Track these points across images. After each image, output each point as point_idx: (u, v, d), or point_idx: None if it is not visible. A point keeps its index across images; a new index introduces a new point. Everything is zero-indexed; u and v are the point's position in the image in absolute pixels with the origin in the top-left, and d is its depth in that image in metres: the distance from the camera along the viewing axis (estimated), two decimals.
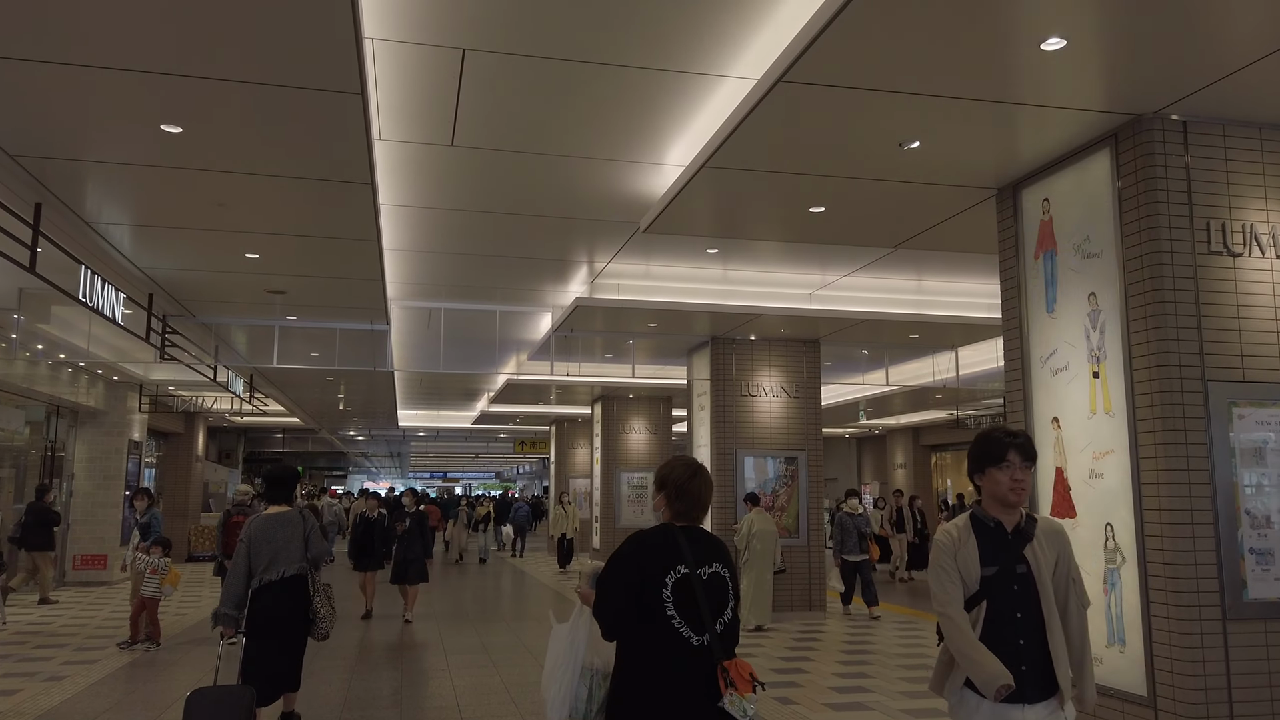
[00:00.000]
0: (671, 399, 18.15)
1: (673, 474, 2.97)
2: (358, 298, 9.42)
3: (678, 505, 2.94)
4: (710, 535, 2.98)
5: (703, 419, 11.70)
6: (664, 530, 2.91)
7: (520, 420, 23.68)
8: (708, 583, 2.82)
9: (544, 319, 11.58)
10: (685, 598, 2.77)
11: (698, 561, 2.83)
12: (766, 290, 10.02)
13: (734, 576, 2.95)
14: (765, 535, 10.15)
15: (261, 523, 5.42)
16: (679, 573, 2.78)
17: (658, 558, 2.81)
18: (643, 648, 2.78)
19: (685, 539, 2.86)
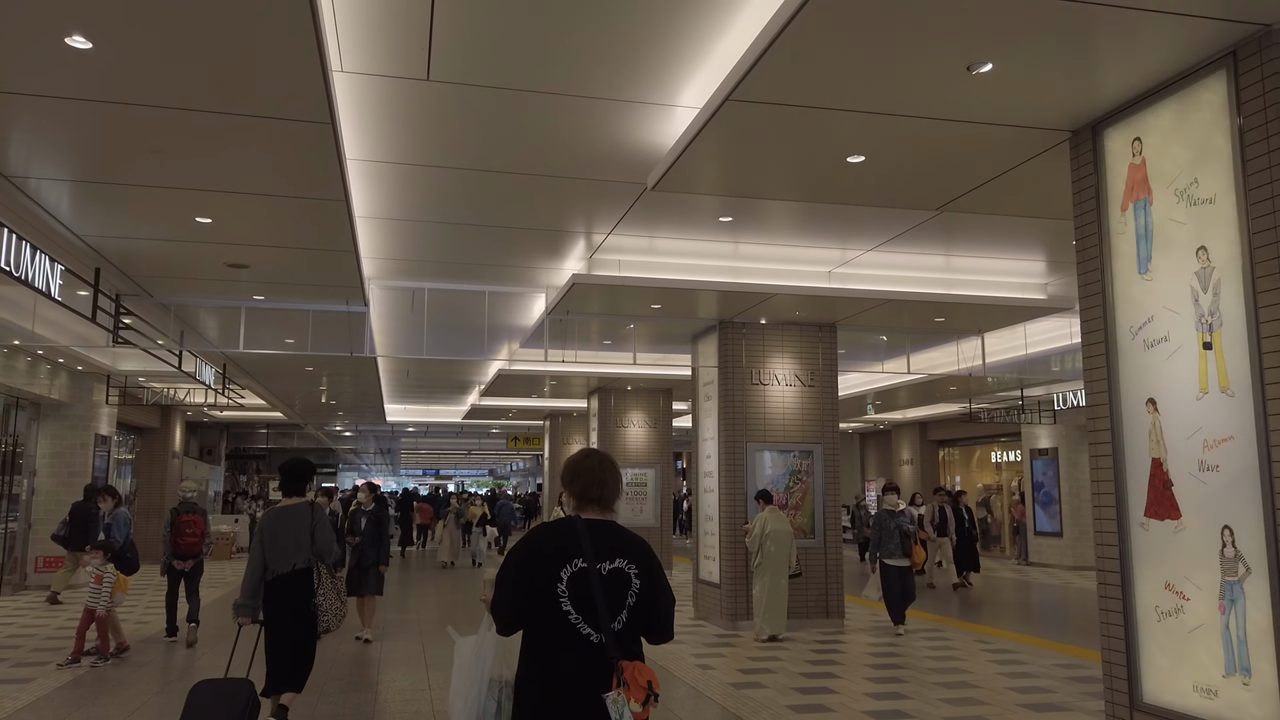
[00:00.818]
0: (672, 391, 17.25)
1: (575, 465, 2.88)
2: (330, 273, 8.48)
3: (580, 497, 2.83)
4: (621, 530, 2.82)
5: (709, 410, 10.80)
6: (565, 522, 2.79)
7: (513, 414, 22.77)
8: (607, 579, 2.69)
9: (537, 302, 10.67)
10: (581, 593, 2.66)
11: (598, 555, 2.70)
12: (781, 268, 9.12)
13: (647, 575, 2.76)
14: (780, 536, 9.26)
15: (274, 515, 5.47)
16: (575, 567, 2.67)
17: (554, 551, 2.69)
18: (540, 643, 2.68)
19: (587, 532, 2.73)
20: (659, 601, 2.78)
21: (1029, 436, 19.62)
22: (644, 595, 2.74)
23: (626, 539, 2.80)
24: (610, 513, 2.87)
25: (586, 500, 2.82)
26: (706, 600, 10.64)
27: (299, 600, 5.47)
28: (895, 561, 9.92)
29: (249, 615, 5.34)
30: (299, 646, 5.56)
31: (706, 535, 10.74)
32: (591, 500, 2.82)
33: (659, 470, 16.89)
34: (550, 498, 22.01)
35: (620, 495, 2.92)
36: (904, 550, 9.86)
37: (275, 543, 5.42)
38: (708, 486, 10.76)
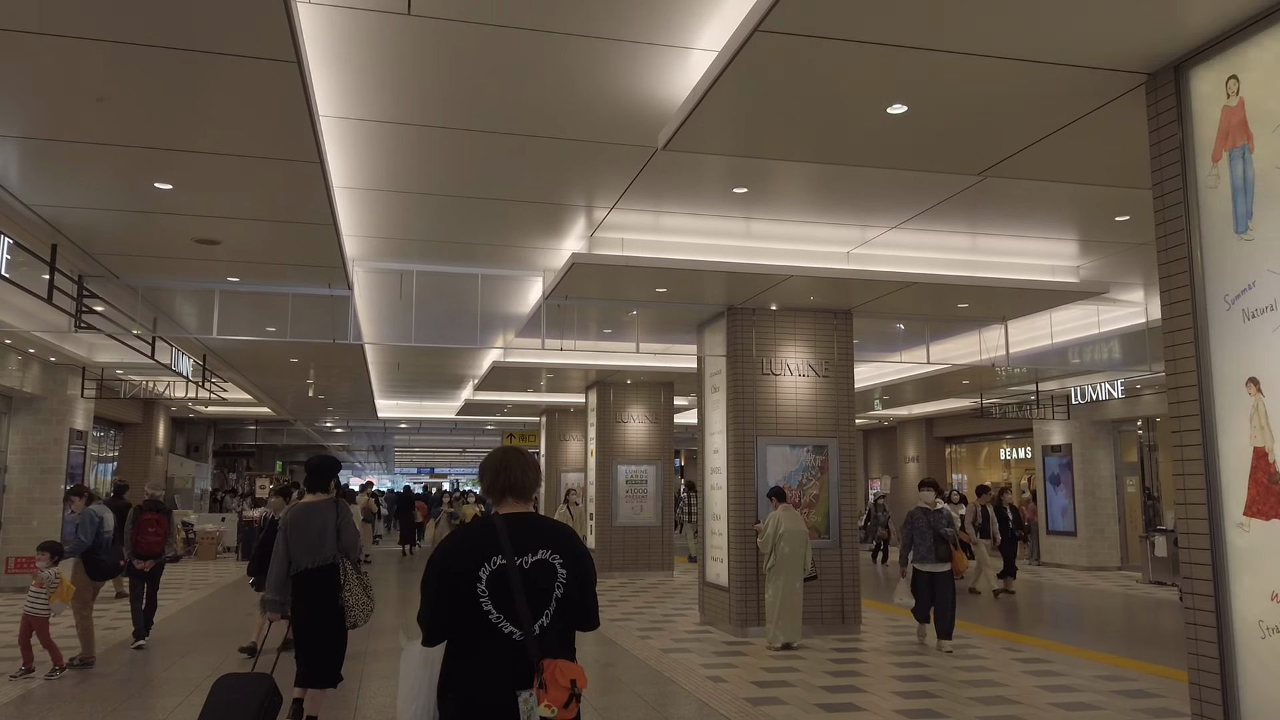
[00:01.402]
0: (673, 385, 16.59)
1: (489, 460, 2.80)
2: (309, 251, 7.81)
3: (491, 491, 2.75)
4: (541, 520, 2.72)
5: (716, 402, 10.15)
6: (482, 520, 2.70)
7: (508, 410, 22.10)
8: (529, 572, 2.59)
9: (533, 287, 10.01)
10: (502, 590, 2.56)
11: (519, 549, 2.60)
12: (796, 248, 8.48)
13: (574, 563, 2.66)
14: (794, 536, 8.61)
15: (298, 511, 5.48)
16: (494, 564, 2.57)
17: (472, 550, 2.59)
18: (463, 646, 2.58)
19: (505, 526, 2.64)
20: (586, 589, 2.68)
21: (1041, 433, 19.01)
22: (571, 585, 2.64)
23: (547, 529, 2.69)
24: (528, 504, 2.75)
25: (499, 493, 2.73)
26: (714, 604, 10.00)
27: (326, 596, 5.44)
28: (929, 566, 8.76)
29: (277, 610, 5.42)
30: (328, 642, 5.52)
31: (714, 535, 10.09)
32: (504, 491, 2.72)
33: (660, 467, 16.24)
34: (547, 496, 21.35)
35: (538, 485, 2.81)
36: (939, 554, 8.68)
37: (300, 538, 5.43)
38: (715, 484, 10.11)
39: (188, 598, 12.77)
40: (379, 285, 9.86)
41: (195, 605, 11.96)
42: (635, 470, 16.18)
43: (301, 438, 30.43)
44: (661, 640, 9.21)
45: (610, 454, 16.12)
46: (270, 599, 5.42)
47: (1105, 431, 18.12)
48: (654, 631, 9.75)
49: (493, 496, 2.75)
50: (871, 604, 11.58)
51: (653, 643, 9.07)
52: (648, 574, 15.75)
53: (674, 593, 13.33)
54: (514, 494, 2.72)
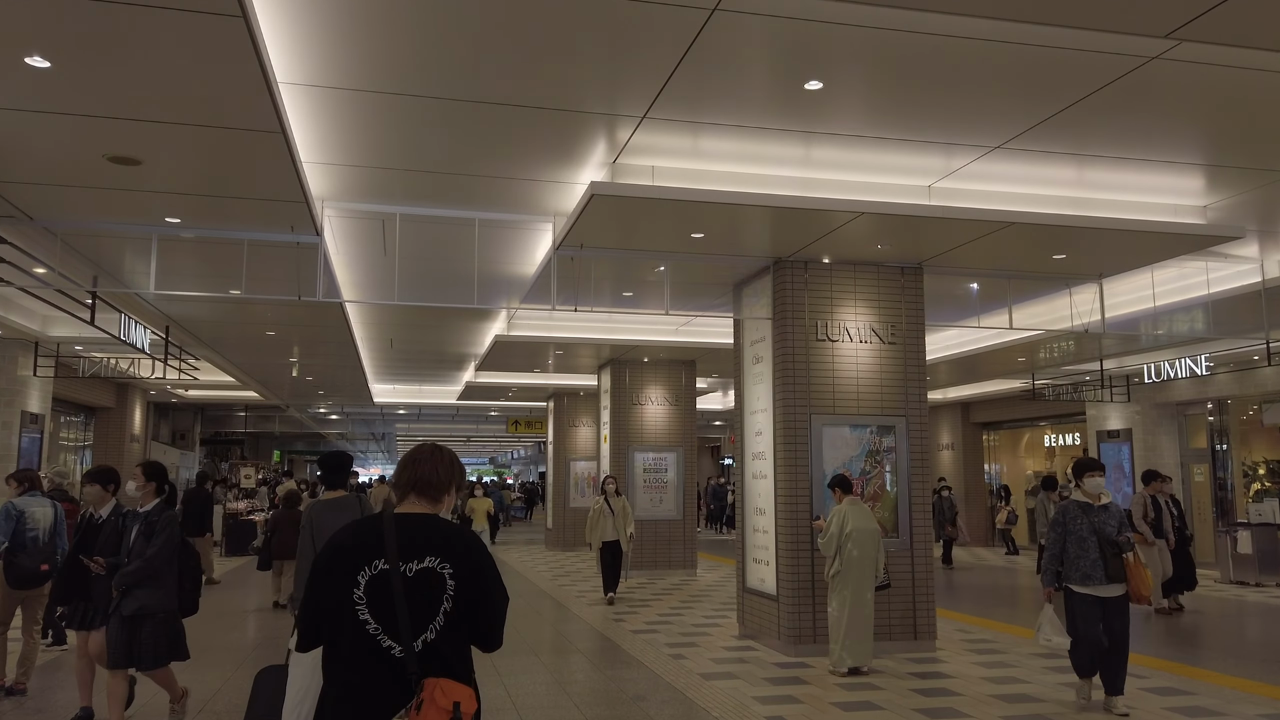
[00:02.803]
0: (695, 364, 14.99)
1: (404, 456, 2.55)
2: (261, 180, 6.20)
3: (397, 485, 2.48)
4: (440, 524, 2.42)
5: (759, 375, 8.54)
6: (371, 518, 2.42)
7: (513, 394, 20.51)
8: (414, 580, 2.30)
9: (541, 239, 8.40)
10: (382, 598, 2.28)
11: (405, 554, 2.31)
12: (864, 179, 6.87)
13: (468, 576, 2.35)
14: (864, 536, 7.01)
15: (322, 507, 5.36)
16: (375, 569, 2.30)
17: (353, 550, 2.33)
18: (338, 659, 2.30)
19: (395, 526, 2.36)
20: (484, 604, 2.38)
21: (1096, 416, 17.36)
22: (462, 599, 2.34)
23: (443, 534, 2.39)
24: (437, 505, 2.47)
25: (404, 488, 2.46)
26: (758, 615, 8.40)
27: None
28: (1095, 589, 5.90)
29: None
30: None
31: (756, 533, 8.49)
32: (409, 486, 2.46)
33: (680, 455, 14.64)
34: (556, 486, 19.78)
35: (455, 484, 2.51)
36: (1109, 571, 5.81)
37: (324, 535, 5.16)
38: (758, 471, 8.51)
39: None
40: (357, 235, 8.25)
41: None
42: (654, 458, 14.59)
43: (296, 425, 28.88)
44: (698, 660, 7.64)
45: (626, 440, 14.53)
46: (298, 595, 5.08)
47: (1169, 415, 16.48)
48: (687, 648, 8.17)
49: (398, 492, 2.48)
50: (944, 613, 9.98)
51: (688, 664, 7.49)
52: (669, 573, 14.17)
53: (701, 595, 11.75)
54: (419, 491, 2.46)
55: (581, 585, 12.95)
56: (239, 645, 8.45)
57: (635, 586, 12.81)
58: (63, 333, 12.72)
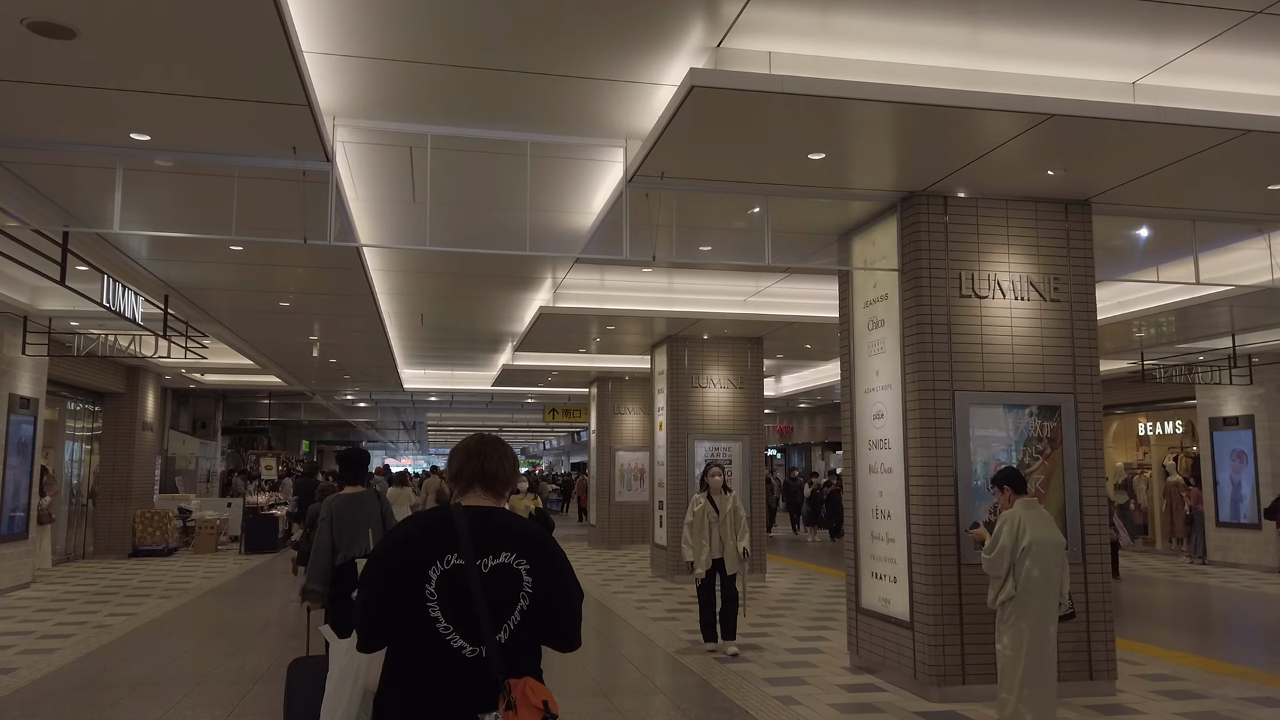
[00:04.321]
0: (762, 341, 13.27)
1: (463, 443, 2.44)
2: (246, 71, 4.58)
3: (458, 478, 2.37)
4: (511, 518, 2.32)
5: (878, 345, 6.81)
6: (439, 511, 2.30)
7: (552, 379, 18.91)
8: (490, 577, 2.19)
9: (605, 175, 6.73)
10: (455, 596, 2.17)
11: (480, 549, 2.20)
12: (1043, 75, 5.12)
13: (543, 571, 2.26)
14: (1046, 551, 5.26)
15: (342, 502, 5.49)
16: (448, 564, 2.18)
17: (423, 545, 2.21)
18: (403, 661, 2.19)
19: (466, 520, 2.25)
20: (562, 601, 2.28)
21: (1209, 402, 15.38)
22: (540, 596, 2.24)
23: (517, 528, 2.31)
24: (501, 499, 2.38)
25: (467, 480, 2.35)
26: (879, 644, 6.69)
27: None
28: None
29: (317, 600, 5.32)
30: None
31: (876, 541, 6.78)
32: (473, 479, 2.35)
33: (747, 443, 12.93)
34: (600, 479, 18.17)
35: (516, 478, 2.55)
36: None
37: (345, 529, 5.40)
38: (877, 464, 6.79)
39: (154, 608, 9.76)
40: (379, 172, 6.63)
41: (157, 624, 8.92)
42: (718, 447, 12.89)
43: (323, 413, 27.54)
44: (812, 703, 5.95)
45: (686, 427, 12.84)
46: (311, 589, 5.34)
47: None
48: (793, 685, 6.48)
49: (459, 485, 2.36)
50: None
51: (801, 711, 5.81)
52: None
53: (782, 607, 10.05)
54: (484, 484, 2.35)
55: (640, 594, 11.31)
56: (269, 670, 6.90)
57: None
58: (55, 306, 11.29)
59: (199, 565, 14.64)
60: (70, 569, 14.00)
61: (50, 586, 11.96)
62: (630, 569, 14.08)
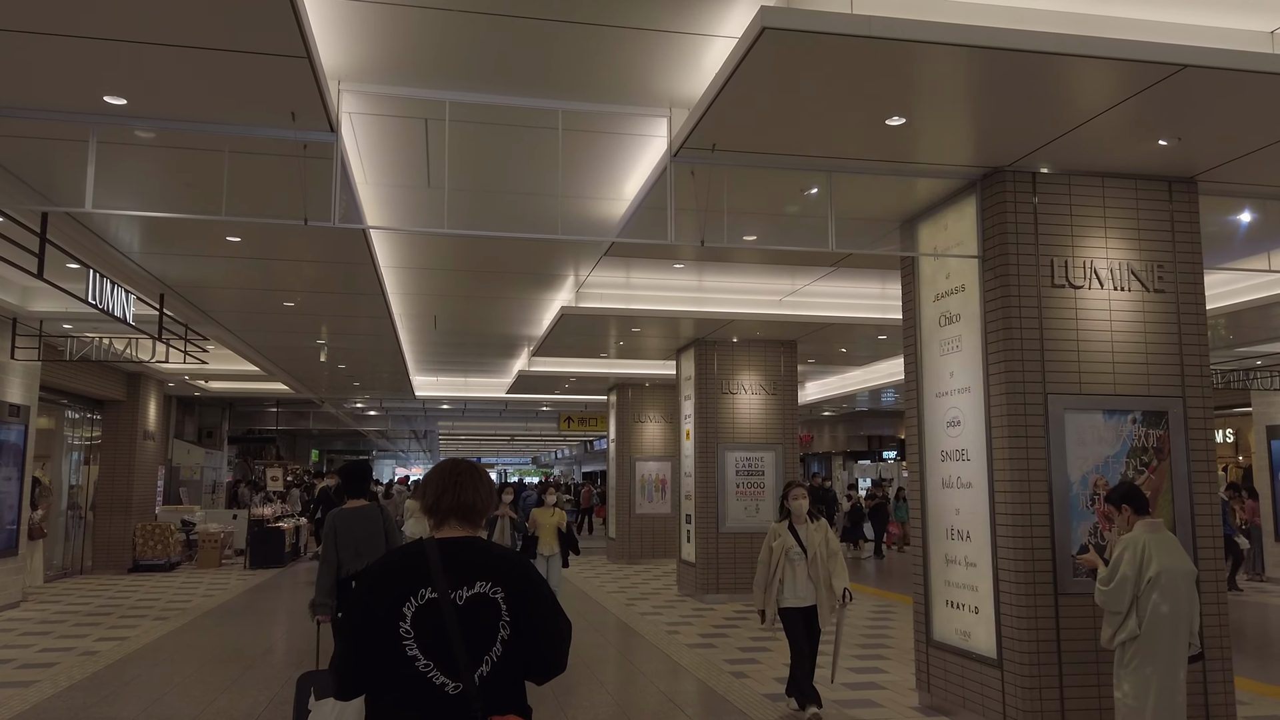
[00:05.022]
0: (796, 345, 12.48)
1: (434, 472, 2.35)
2: (237, 25, 3.85)
3: (433, 510, 2.28)
4: (487, 547, 2.24)
5: (952, 343, 6.03)
6: (411, 546, 2.22)
7: (569, 386, 18.17)
8: (465, 609, 2.12)
9: (644, 153, 5.99)
10: (432, 631, 2.09)
11: (453, 581, 2.13)
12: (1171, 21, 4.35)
13: (522, 600, 2.18)
14: (1176, 582, 4.45)
15: (346, 516, 5.56)
16: (422, 599, 2.11)
17: (395, 581, 2.14)
18: (387, 703, 2.10)
19: (439, 552, 2.18)
20: (544, 628, 2.20)
21: (1266, 410, 14.51)
22: (521, 625, 2.17)
23: (493, 557, 2.22)
24: (475, 530, 2.28)
25: (443, 513, 2.27)
26: (956, 682, 5.88)
27: None
28: None
29: (326, 613, 5.34)
30: None
31: (952, 565, 5.98)
32: (449, 512, 2.27)
33: (780, 454, 12.14)
34: (620, 488, 17.39)
35: (492, 505, 2.36)
36: None
37: (348, 543, 5.47)
38: (952, 478, 6.00)
39: (148, 632, 9.01)
40: (389, 151, 5.90)
41: (149, 651, 8.18)
42: (748, 458, 12.10)
43: (332, 422, 26.84)
44: None
45: (714, 436, 12.06)
46: (319, 602, 5.37)
47: None
48: None
49: (435, 517, 2.28)
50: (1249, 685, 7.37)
51: None
52: None
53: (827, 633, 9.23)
54: (460, 516, 2.27)
55: (669, 615, 10.52)
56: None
57: (734, 617, 10.35)
58: (46, 307, 10.61)
59: (201, 581, 13.92)
60: (65, 586, 13.30)
61: (41, 606, 11.25)
62: (654, 586, 13.29)
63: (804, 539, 5.90)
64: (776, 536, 5.95)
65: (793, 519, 5.96)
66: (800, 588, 5.85)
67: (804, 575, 5.84)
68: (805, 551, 5.86)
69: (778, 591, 5.85)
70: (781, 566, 5.84)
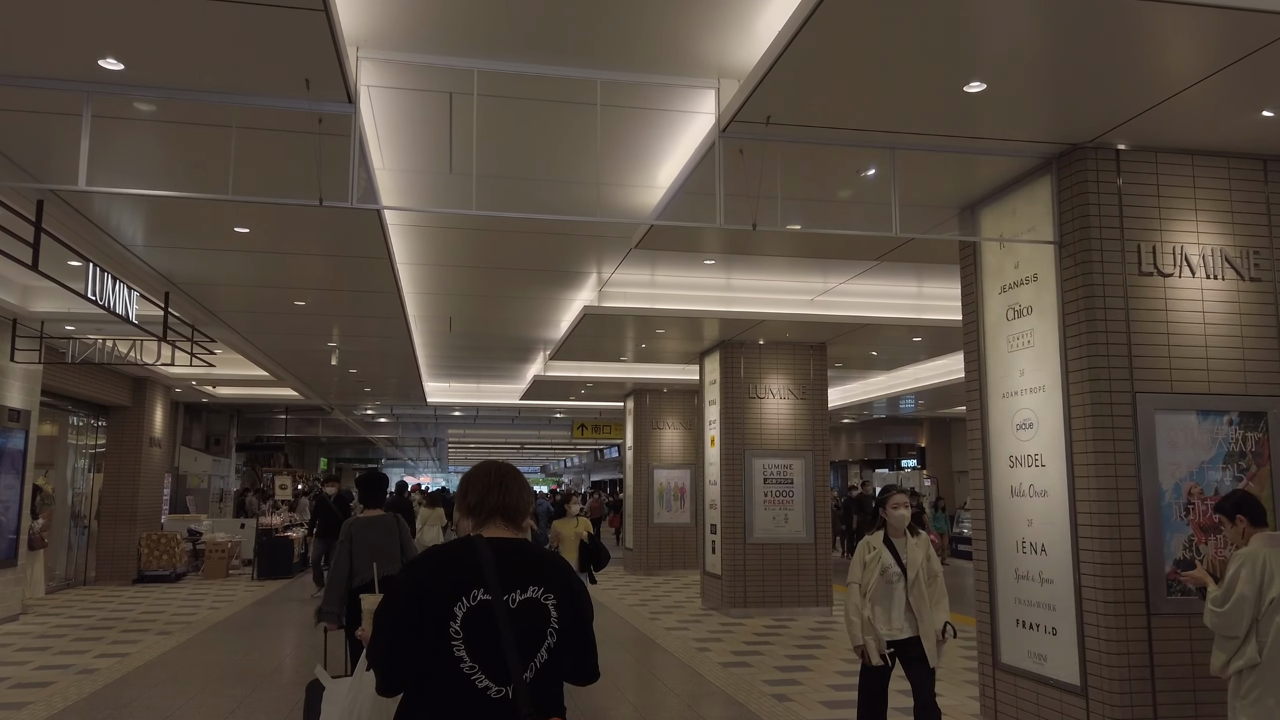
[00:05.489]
0: (825, 347, 11.99)
1: (479, 471, 2.30)
2: None
3: (476, 510, 2.23)
4: (534, 550, 2.21)
5: (1022, 338, 5.53)
6: (461, 543, 2.16)
7: (586, 391, 17.69)
8: (517, 613, 2.07)
9: (684, 132, 5.52)
10: (482, 633, 2.04)
11: (506, 584, 2.08)
12: None
13: (569, 605, 2.15)
14: None
15: (361, 525, 5.56)
16: (474, 600, 2.05)
17: (446, 580, 2.07)
18: (426, 704, 2.04)
19: (491, 553, 2.12)
20: (583, 634, 2.19)
21: None
22: (566, 630, 2.14)
23: (542, 560, 2.20)
24: (520, 530, 2.24)
25: (487, 512, 2.22)
26: (1031, 710, 5.35)
27: None
28: None
29: (334, 621, 5.31)
30: None
31: (1024, 582, 5.46)
32: (494, 511, 2.22)
33: (810, 461, 11.63)
34: (637, 497, 16.89)
35: (531, 508, 2.32)
36: None
37: (362, 551, 5.40)
38: (1023, 485, 5.48)
39: (150, 647, 8.53)
40: (409, 118, 5.44)
41: (150, 669, 7.70)
42: (777, 465, 11.59)
43: (342, 429, 26.41)
44: None
45: (740, 442, 11.55)
46: (327, 610, 5.33)
47: None
48: None
49: (478, 516, 2.23)
50: None
51: None
52: (799, 612, 11.15)
53: None
54: (505, 516, 2.22)
55: (696, 630, 10.00)
56: None
57: (765, 633, 9.83)
58: (48, 307, 10.20)
59: (207, 593, 13.45)
60: (68, 598, 12.84)
61: (41, 619, 10.80)
62: (677, 599, 12.77)
63: (903, 556, 4.77)
64: (870, 549, 4.84)
65: (889, 531, 4.84)
66: (896, 616, 4.72)
67: (902, 601, 4.72)
68: (905, 572, 4.75)
69: (884, 616, 4.73)
70: (882, 590, 4.75)
